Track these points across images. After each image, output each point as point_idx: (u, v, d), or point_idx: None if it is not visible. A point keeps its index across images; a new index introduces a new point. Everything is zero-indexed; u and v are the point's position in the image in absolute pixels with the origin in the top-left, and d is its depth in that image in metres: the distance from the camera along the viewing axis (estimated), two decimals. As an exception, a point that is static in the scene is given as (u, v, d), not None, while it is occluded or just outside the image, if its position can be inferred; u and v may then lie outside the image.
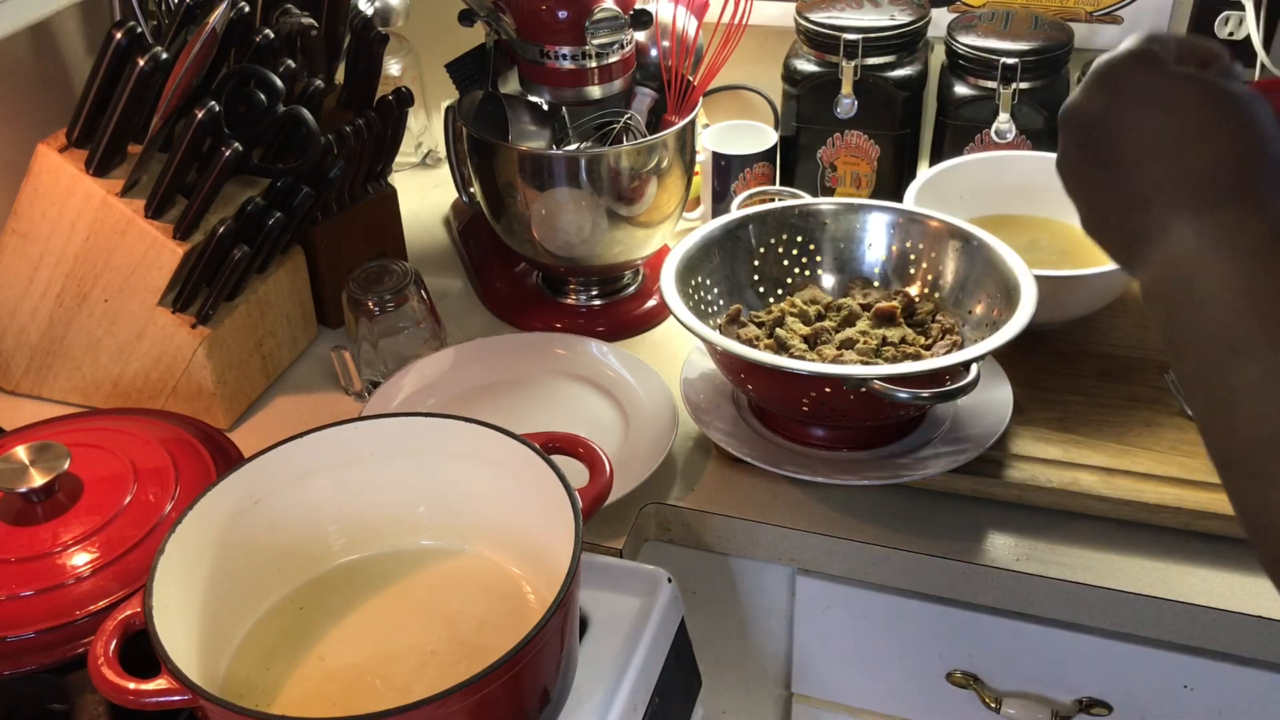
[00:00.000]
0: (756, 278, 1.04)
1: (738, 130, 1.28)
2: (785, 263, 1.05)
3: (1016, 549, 0.89)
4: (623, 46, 1.05)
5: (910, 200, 1.08)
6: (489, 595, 0.80)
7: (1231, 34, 1.14)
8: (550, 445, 0.79)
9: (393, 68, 1.40)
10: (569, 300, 1.20)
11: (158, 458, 0.85)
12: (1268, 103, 0.55)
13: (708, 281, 1.00)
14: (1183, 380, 0.54)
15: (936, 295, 1.01)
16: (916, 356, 0.93)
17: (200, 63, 0.94)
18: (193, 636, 0.71)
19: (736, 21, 1.07)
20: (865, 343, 0.95)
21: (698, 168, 1.23)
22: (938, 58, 1.23)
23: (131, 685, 0.64)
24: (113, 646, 0.66)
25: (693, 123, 1.11)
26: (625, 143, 1.11)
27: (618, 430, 1.01)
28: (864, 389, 0.84)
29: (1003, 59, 1.13)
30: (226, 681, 0.74)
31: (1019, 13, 1.21)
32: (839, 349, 0.95)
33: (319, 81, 1.06)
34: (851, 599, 0.96)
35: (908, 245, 1.02)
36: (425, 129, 1.50)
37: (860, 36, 1.16)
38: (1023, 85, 1.15)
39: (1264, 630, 0.83)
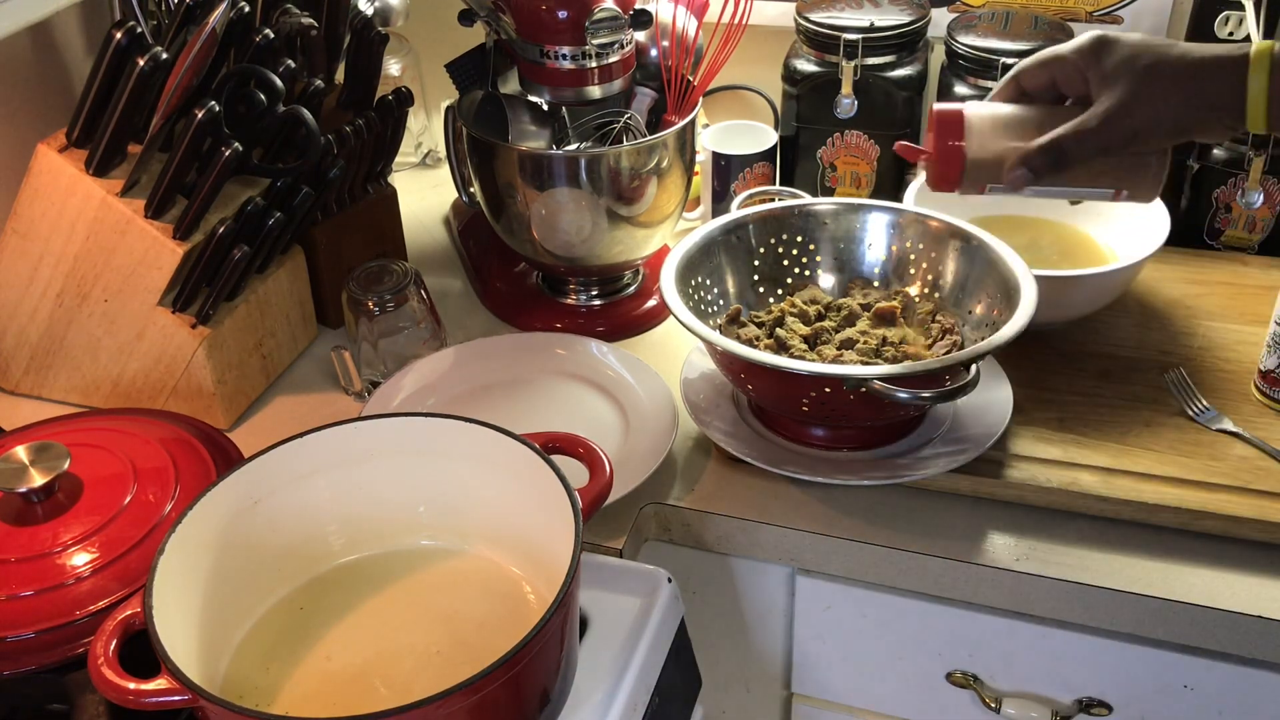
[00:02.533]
0: (756, 278, 1.04)
1: (738, 130, 1.28)
2: (785, 263, 1.05)
3: (1016, 549, 0.89)
4: (623, 46, 1.05)
5: (910, 200, 1.08)
6: (489, 595, 0.80)
7: (1231, 34, 1.14)
8: (550, 445, 0.79)
9: (393, 68, 1.40)
10: (569, 300, 1.20)
11: (158, 458, 0.85)
12: None
13: (708, 281, 1.00)
14: None
15: (936, 295, 1.01)
16: (916, 356, 0.94)
17: (200, 63, 0.94)
18: (193, 636, 0.71)
19: (736, 21, 1.07)
20: (865, 343, 0.96)
21: (698, 168, 1.23)
22: (938, 58, 1.22)
23: (131, 685, 0.64)
24: (113, 646, 0.66)
25: (693, 123, 1.11)
26: (625, 143, 1.11)
27: (618, 430, 1.01)
28: (864, 389, 0.84)
29: (1003, 59, 1.13)
30: (226, 681, 0.74)
31: (1019, 13, 1.21)
32: (839, 349, 0.95)
33: (319, 81, 1.06)
34: (851, 599, 0.96)
35: (908, 245, 1.02)
36: (425, 129, 1.50)
37: (860, 36, 1.16)
38: (1023, 85, 1.14)
39: (1264, 630, 0.83)
